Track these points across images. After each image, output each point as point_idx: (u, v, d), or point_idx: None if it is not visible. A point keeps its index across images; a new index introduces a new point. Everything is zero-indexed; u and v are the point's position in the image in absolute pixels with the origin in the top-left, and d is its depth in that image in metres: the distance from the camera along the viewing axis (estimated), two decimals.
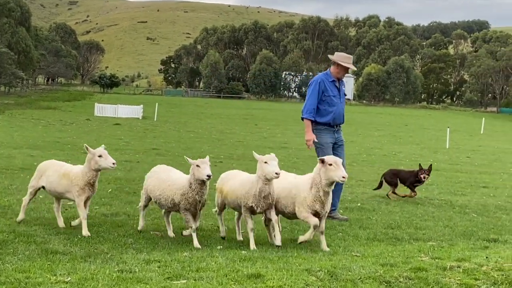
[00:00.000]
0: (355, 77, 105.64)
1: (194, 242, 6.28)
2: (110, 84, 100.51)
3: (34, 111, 42.15)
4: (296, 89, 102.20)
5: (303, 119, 8.09)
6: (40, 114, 39.32)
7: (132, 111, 41.16)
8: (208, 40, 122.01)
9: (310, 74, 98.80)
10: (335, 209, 7.96)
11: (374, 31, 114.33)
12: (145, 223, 7.04)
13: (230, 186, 6.51)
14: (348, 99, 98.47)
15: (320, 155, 7.62)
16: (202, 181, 6.10)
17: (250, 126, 36.70)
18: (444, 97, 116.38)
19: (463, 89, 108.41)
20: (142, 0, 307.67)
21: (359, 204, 9.32)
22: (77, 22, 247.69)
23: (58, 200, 7.20)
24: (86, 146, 6.78)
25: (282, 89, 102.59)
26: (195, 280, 4.60)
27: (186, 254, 5.61)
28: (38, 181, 7.10)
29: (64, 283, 4.44)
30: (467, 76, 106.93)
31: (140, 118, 39.69)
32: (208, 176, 6.01)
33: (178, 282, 4.55)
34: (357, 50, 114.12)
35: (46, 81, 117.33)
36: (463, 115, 74.02)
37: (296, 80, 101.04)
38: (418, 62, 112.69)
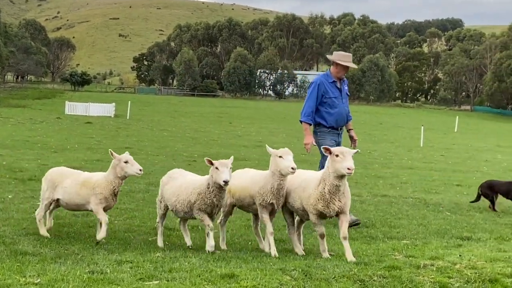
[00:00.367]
0: None
1: (209, 242, 5.94)
2: (81, 81, 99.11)
3: (3, 109, 41.35)
4: (271, 87, 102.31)
5: (302, 122, 7.74)
6: (9, 112, 38.60)
7: (104, 110, 40.68)
8: (181, 37, 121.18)
9: (285, 72, 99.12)
10: None
11: (349, 29, 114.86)
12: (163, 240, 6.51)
13: (239, 184, 6.14)
14: None
15: (324, 159, 7.35)
16: (219, 185, 5.73)
17: (225, 125, 36.58)
18: (418, 95, 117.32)
19: (437, 87, 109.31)
20: None
21: None
22: (47, 19, 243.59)
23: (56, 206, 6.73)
24: (111, 151, 6.35)
25: (256, 87, 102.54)
26: (168, 280, 4.57)
27: (158, 255, 5.57)
28: (52, 192, 6.49)
29: (33, 285, 4.37)
30: (441, 74, 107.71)
31: (112, 116, 39.25)
32: (224, 181, 5.64)
33: (151, 283, 4.52)
34: (332, 48, 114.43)
35: (15, 78, 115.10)
36: (437, 114, 75.08)
37: (271, 78, 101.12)
38: (392, 60, 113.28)
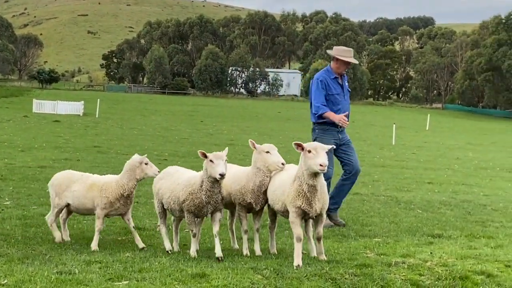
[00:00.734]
0: (302, 73, 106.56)
1: (191, 247, 5.64)
2: (49, 79, 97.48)
3: None
4: (243, 85, 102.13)
5: (320, 116, 7.34)
6: None
7: (72, 108, 40.10)
8: (152, 34, 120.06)
9: (257, 69, 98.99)
10: (338, 207, 7.53)
11: (321, 27, 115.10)
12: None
13: None
14: (295, 95, 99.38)
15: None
16: (215, 179, 5.35)
17: (196, 123, 36.38)
18: (390, 93, 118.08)
19: (409, 85, 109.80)
20: None
21: None
22: (14, 15, 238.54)
23: (69, 212, 6.48)
24: (144, 158, 6.08)
25: (228, 85, 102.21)
26: (138, 281, 4.54)
27: (128, 255, 5.52)
28: (61, 198, 6.26)
29: (0, 286, 4.32)
30: (413, 72, 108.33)
31: (80, 114, 38.72)
32: (221, 174, 5.25)
33: (120, 283, 4.48)
34: (304, 46, 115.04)
35: None
36: (409, 112, 75.95)
37: (242, 75, 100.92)
38: (364, 58, 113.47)
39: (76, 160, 14.81)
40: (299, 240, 5.28)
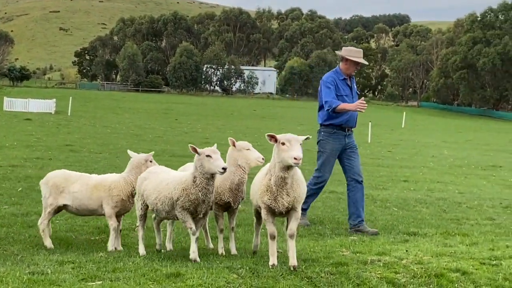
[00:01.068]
0: (278, 70, 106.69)
1: (192, 247, 5.38)
2: (20, 77, 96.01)
3: None
4: (217, 82, 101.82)
5: (334, 111, 7.04)
6: None
7: (44, 106, 39.48)
8: (125, 31, 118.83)
9: (232, 67, 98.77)
10: (362, 220, 7.14)
11: (297, 24, 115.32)
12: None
13: None
14: (270, 93, 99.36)
15: (319, 161, 7.14)
16: (211, 175, 5.18)
17: (170, 121, 36.14)
18: (366, 91, 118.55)
19: (385, 83, 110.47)
20: None
21: None
22: None
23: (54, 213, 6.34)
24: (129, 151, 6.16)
25: (203, 82, 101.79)
26: (111, 281, 4.51)
27: (101, 255, 5.49)
28: (57, 198, 6.10)
29: None
30: (388, 70, 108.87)
31: (52, 113, 38.15)
32: (223, 168, 5.08)
33: (93, 283, 4.45)
34: (279, 43, 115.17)
35: None
36: (385, 109, 76.62)
37: (217, 73, 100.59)
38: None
39: (48, 159, 14.63)
40: (273, 238, 5.16)
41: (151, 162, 6.03)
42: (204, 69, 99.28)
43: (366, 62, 7.61)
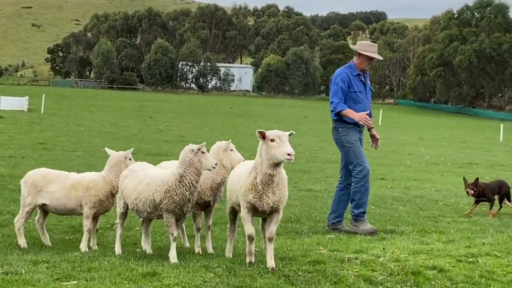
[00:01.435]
0: (254, 67, 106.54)
1: (171, 253, 5.27)
2: None
3: None
4: (193, 80, 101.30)
5: (339, 114, 6.90)
6: None
7: (16, 103, 38.83)
8: (99, 27, 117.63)
9: (208, 64, 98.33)
10: (341, 220, 7.04)
11: (273, 21, 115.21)
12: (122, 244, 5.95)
13: None
14: (247, 91, 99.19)
15: (351, 156, 6.86)
16: (200, 172, 5.15)
17: (145, 119, 35.80)
18: None
19: None
20: None
21: None
22: None
23: (45, 214, 6.18)
24: (107, 149, 6.03)
25: (178, 80, 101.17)
26: (87, 280, 4.48)
27: (76, 254, 5.45)
28: (35, 197, 5.94)
29: None
30: None
31: (25, 110, 37.56)
32: (216, 164, 5.19)
33: (68, 283, 4.42)
34: (256, 40, 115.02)
35: None
36: None
37: (193, 70, 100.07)
38: (317, 53, 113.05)
39: (21, 157, 14.44)
40: (251, 239, 5.04)
41: (130, 160, 5.92)
42: (179, 66, 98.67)
43: (380, 58, 7.32)
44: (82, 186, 5.85)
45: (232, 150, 5.66)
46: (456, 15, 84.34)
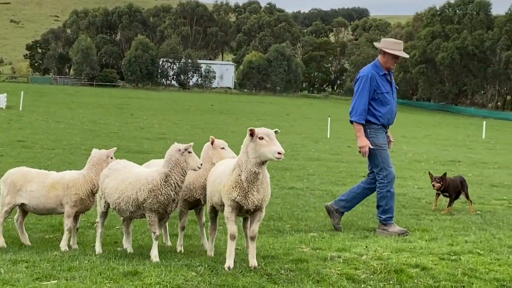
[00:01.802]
0: (236, 64, 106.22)
1: (153, 251, 5.21)
2: None
3: None
4: (174, 77, 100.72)
5: (353, 123, 6.80)
6: None
7: None
8: (78, 23, 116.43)
9: (189, 61, 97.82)
10: (343, 212, 7.05)
11: (255, 17, 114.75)
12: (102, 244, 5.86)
13: None
14: (228, 88, 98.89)
15: (377, 160, 6.69)
16: (185, 172, 5.11)
17: (126, 116, 35.56)
18: (325, 86, 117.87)
19: (344, 77, 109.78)
20: None
21: None
22: None
23: (24, 213, 6.06)
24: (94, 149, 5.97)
25: (159, 76, 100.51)
26: (67, 280, 4.45)
27: (56, 253, 5.41)
28: (14, 197, 5.84)
29: None
30: (348, 64, 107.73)
31: (3, 107, 37.11)
32: (202, 164, 5.17)
33: (48, 282, 4.39)
34: (237, 37, 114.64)
35: None
36: (344, 104, 76.91)
37: (174, 67, 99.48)
38: (299, 50, 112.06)
39: None
40: (233, 238, 4.99)
41: (112, 158, 5.83)
42: (160, 63, 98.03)
43: (406, 55, 7.10)
44: (61, 185, 5.75)
45: (223, 148, 5.59)
46: (439, 12, 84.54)
